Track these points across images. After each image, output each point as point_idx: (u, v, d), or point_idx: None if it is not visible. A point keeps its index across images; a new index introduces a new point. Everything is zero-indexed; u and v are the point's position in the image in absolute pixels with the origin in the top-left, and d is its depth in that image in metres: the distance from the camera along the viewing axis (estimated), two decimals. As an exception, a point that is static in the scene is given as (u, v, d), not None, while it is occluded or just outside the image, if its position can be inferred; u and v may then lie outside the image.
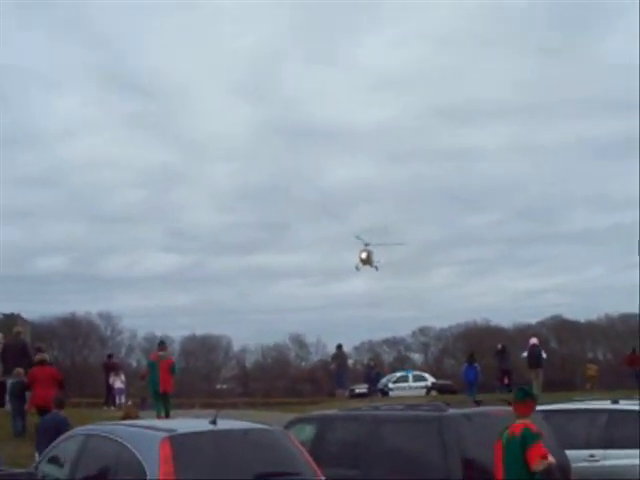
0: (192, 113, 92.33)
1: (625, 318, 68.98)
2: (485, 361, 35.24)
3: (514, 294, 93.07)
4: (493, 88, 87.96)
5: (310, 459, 7.73)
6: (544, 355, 27.35)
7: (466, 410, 8.90)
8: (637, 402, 10.75)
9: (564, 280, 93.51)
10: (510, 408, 9.38)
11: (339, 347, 31.57)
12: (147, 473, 7.11)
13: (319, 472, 7.64)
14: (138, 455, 7.33)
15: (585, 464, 9.81)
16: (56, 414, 12.13)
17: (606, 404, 10.57)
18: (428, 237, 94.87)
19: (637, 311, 65.44)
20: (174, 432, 7.38)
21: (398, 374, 40.92)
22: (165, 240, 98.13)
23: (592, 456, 9.99)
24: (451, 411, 8.69)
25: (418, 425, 8.66)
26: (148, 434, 7.55)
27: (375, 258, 38.54)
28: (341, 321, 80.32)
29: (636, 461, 9.63)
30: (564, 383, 45.56)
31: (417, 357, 73.79)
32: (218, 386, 73.20)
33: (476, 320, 71.50)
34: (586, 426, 10.33)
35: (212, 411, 8.08)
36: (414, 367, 51.83)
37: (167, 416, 18.00)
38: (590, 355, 69.93)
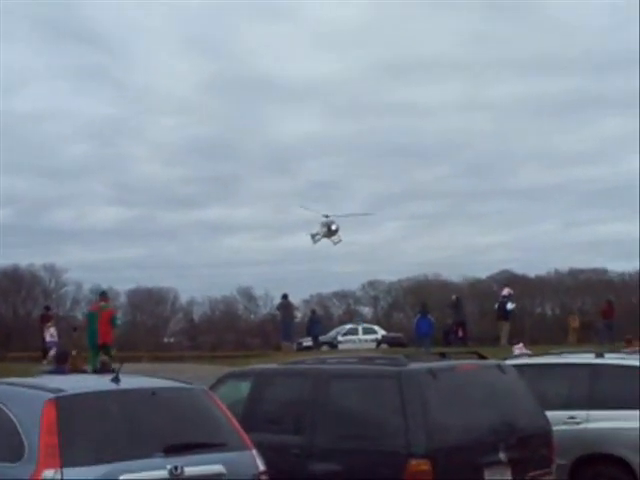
0: (139, 65, 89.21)
1: (574, 273, 69.21)
2: (436, 314, 34.15)
3: (464, 249, 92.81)
4: (442, 43, 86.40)
5: (237, 425, 6.18)
6: (510, 306, 26.52)
7: (430, 364, 7.41)
8: (623, 356, 9.41)
9: (514, 235, 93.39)
10: (481, 362, 8.07)
11: (284, 297, 29.99)
12: (25, 444, 5.51)
13: (248, 441, 6.10)
14: (15, 421, 5.71)
15: (564, 427, 8.43)
16: (62, 368, 11.09)
17: (589, 358, 9.18)
18: (377, 192, 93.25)
19: (586, 267, 66.32)
20: (62, 392, 5.77)
21: (347, 326, 39.76)
22: (111, 193, 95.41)
23: (572, 418, 8.65)
24: (413, 365, 7.20)
25: (373, 382, 7.16)
26: (28, 394, 5.93)
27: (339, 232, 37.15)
28: (290, 275, 79.07)
29: (623, 423, 8.32)
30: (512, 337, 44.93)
31: (367, 311, 73.01)
32: (166, 339, 71.69)
33: (427, 274, 70.76)
34: (565, 383, 8.97)
35: (162, 365, 6.48)
36: (364, 320, 50.67)
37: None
38: (539, 310, 70.12)
